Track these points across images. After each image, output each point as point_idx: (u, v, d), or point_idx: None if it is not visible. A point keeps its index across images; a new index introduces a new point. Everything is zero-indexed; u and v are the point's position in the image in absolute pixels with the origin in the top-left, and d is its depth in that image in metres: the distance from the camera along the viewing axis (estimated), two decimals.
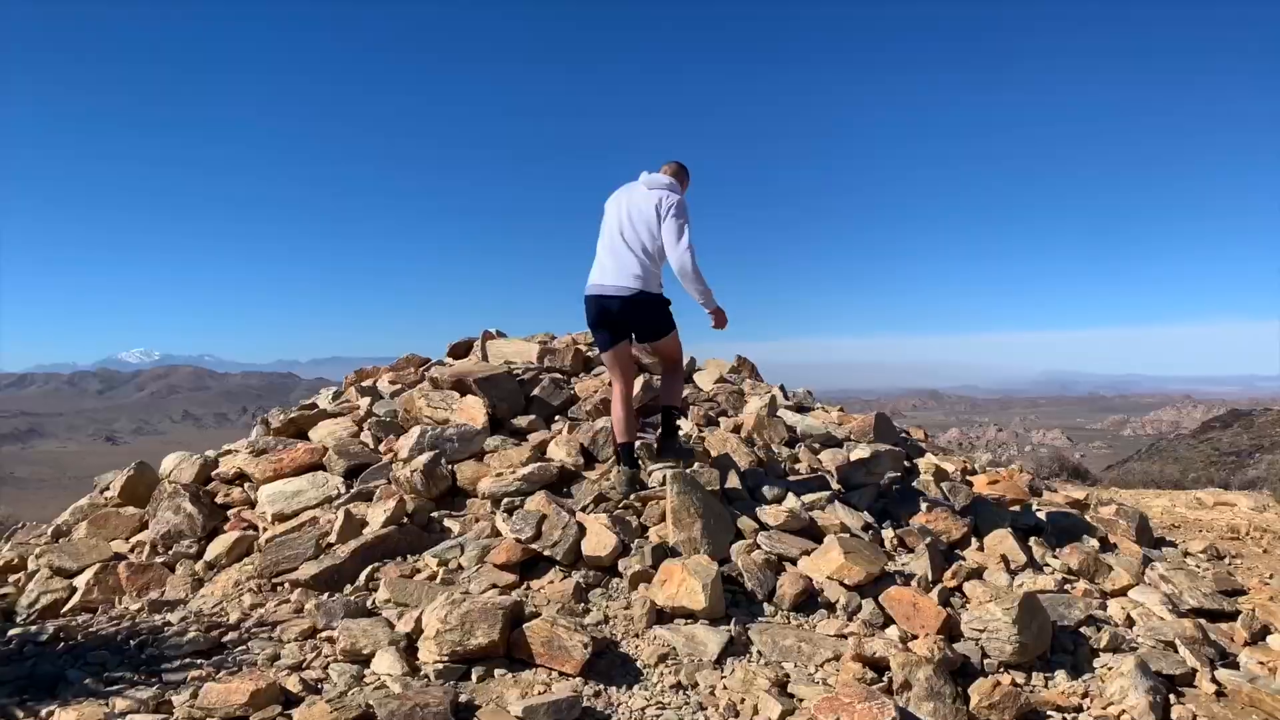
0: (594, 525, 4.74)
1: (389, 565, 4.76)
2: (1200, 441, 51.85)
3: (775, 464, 5.90)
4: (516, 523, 4.74)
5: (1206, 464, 45.06)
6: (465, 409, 6.01)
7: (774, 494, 5.42)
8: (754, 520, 5.04)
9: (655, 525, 4.93)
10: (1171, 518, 8.54)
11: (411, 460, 5.42)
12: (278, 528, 5.22)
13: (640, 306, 5.09)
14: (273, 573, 4.79)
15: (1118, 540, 6.21)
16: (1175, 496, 10.45)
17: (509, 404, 6.22)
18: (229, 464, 5.96)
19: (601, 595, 4.49)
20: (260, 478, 5.65)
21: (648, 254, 5.06)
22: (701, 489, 4.95)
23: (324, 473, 5.65)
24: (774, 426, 6.46)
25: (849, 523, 5.22)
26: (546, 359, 7.26)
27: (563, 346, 7.42)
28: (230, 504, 5.63)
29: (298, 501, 5.40)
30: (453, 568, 4.73)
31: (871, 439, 6.75)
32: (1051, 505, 6.66)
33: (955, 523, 5.42)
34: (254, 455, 5.94)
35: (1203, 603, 5.17)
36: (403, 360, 7.68)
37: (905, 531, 5.26)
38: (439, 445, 5.56)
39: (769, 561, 4.68)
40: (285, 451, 5.83)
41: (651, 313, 5.19)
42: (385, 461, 5.66)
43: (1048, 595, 4.73)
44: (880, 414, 6.98)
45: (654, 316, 5.22)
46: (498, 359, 7.47)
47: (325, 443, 6.00)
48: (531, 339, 7.98)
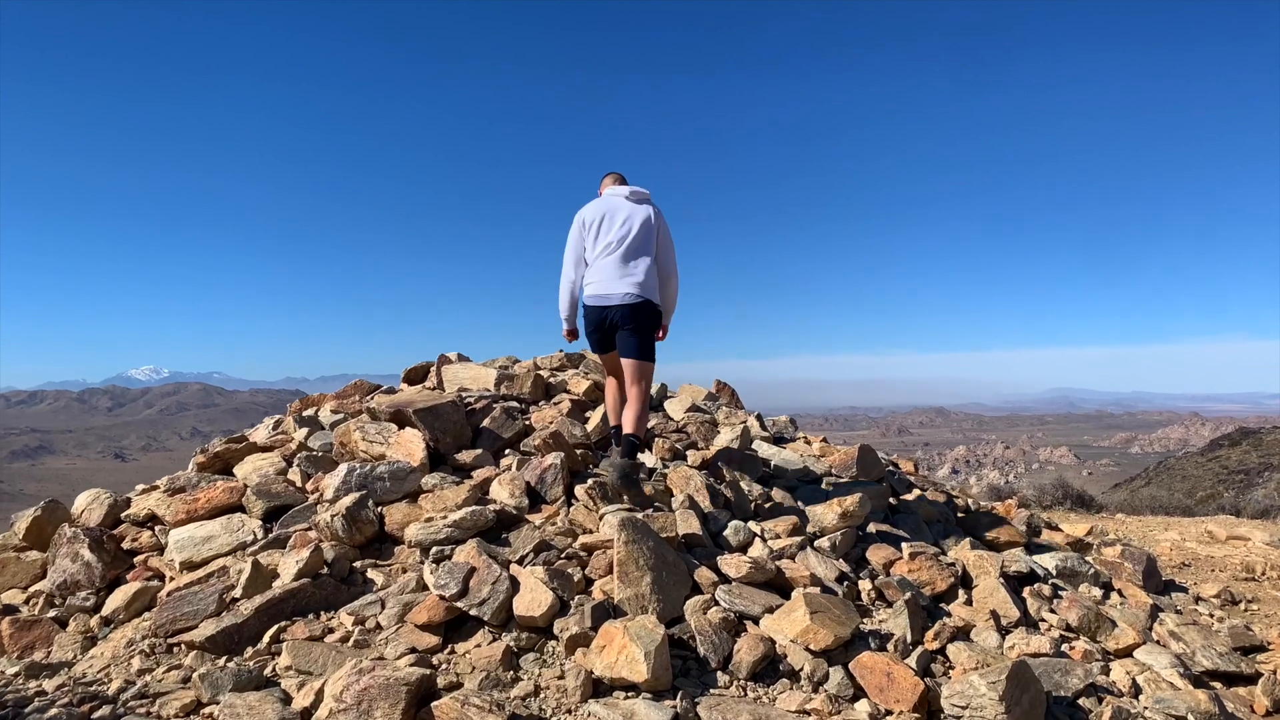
0: (529, 580, 4.18)
1: (297, 624, 4.20)
2: (1209, 460, 51.10)
3: (744, 503, 5.34)
4: (442, 576, 4.19)
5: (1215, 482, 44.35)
6: (402, 443, 5.46)
7: (739, 540, 4.88)
8: (713, 571, 4.47)
9: (601, 578, 4.37)
10: (1182, 554, 7.96)
11: (336, 502, 4.87)
12: (184, 578, 4.66)
13: (639, 313, 5.23)
14: (169, 631, 4.24)
15: (1123, 586, 5.65)
16: (1185, 528, 9.86)
17: (453, 437, 5.67)
18: (141, 504, 5.41)
19: (535, 661, 3.93)
20: (171, 520, 5.11)
21: (650, 264, 5.29)
22: (655, 536, 4.40)
23: (242, 515, 5.11)
24: (746, 461, 5.91)
25: (821, 573, 4.67)
26: (504, 385, 6.73)
27: (522, 372, 6.89)
28: (138, 550, 5.09)
29: (208, 548, 4.85)
30: (370, 627, 4.18)
31: (854, 473, 6.19)
32: (1050, 546, 6.10)
33: (940, 573, 4.86)
34: (169, 494, 5.41)
35: (1217, 664, 4.61)
36: (350, 386, 7.15)
37: (884, 583, 4.70)
38: (368, 485, 5.02)
39: (727, 621, 4.11)
40: (203, 490, 5.28)
41: (646, 320, 5.29)
42: (310, 503, 5.13)
43: (1042, 660, 4.17)
44: (864, 446, 6.42)
45: (647, 325, 5.31)
46: (453, 385, 6.94)
47: (249, 480, 5.46)
48: (491, 363, 7.45)
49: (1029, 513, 6.90)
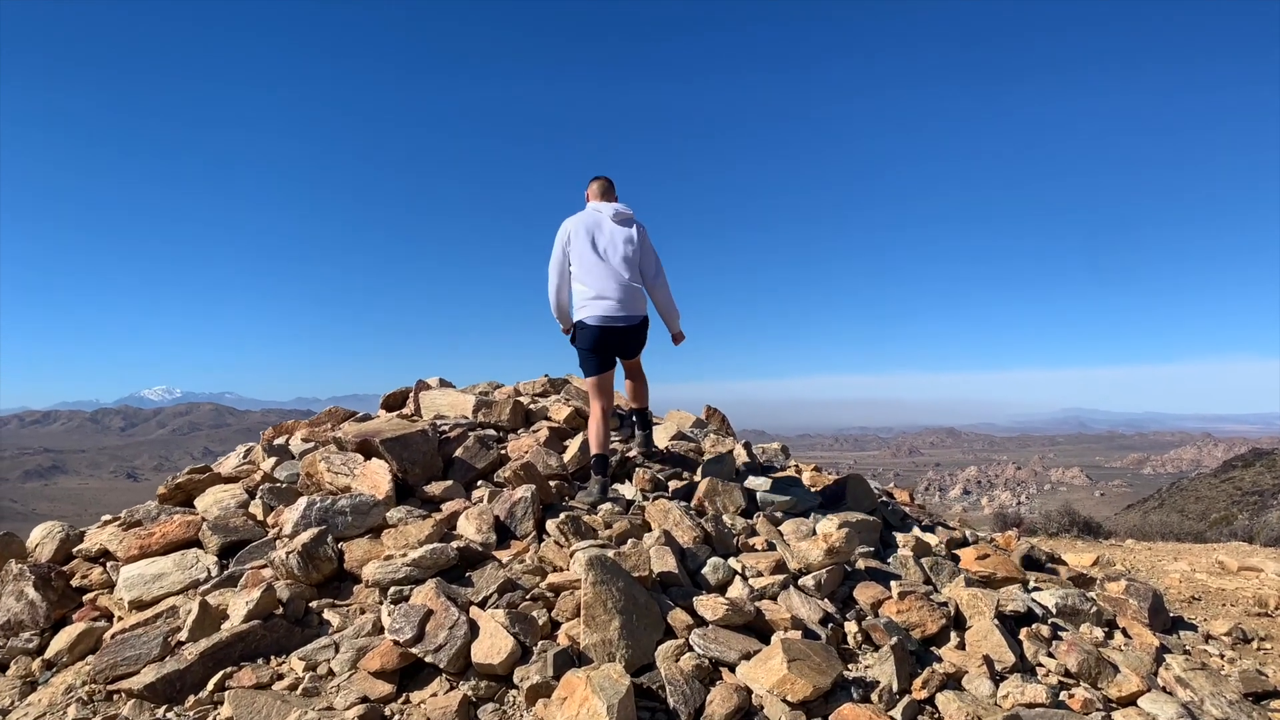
0: (489, 624, 3.93)
1: (245, 670, 3.94)
2: (1222, 481, 50.58)
3: (726, 539, 5.07)
4: (397, 620, 3.94)
5: (1229, 504, 43.88)
6: (368, 475, 5.22)
7: (718, 578, 4.61)
8: (689, 614, 4.20)
9: (568, 621, 4.11)
10: (1191, 587, 7.64)
11: (294, 538, 4.63)
12: (131, 618, 4.42)
13: (641, 330, 5.77)
14: (109, 677, 3.99)
15: (1127, 624, 5.36)
16: (1196, 558, 9.53)
17: (423, 468, 5.43)
18: (95, 539, 5.18)
19: (494, 712, 3.67)
20: (124, 556, 4.87)
21: (641, 282, 5.73)
22: (626, 576, 4.14)
23: (198, 551, 4.86)
24: (729, 492, 5.63)
25: (804, 614, 4.39)
26: (482, 413, 6.49)
27: (502, 399, 6.65)
28: (88, 587, 4.85)
29: (159, 586, 4.60)
30: (322, 673, 3.93)
31: (845, 505, 5.93)
32: (1050, 582, 5.81)
33: (931, 613, 4.57)
34: (125, 528, 5.17)
35: (1228, 713, 4.31)
36: (324, 413, 6.91)
37: (871, 625, 4.43)
38: (328, 519, 4.78)
39: (700, 669, 3.85)
40: (159, 524, 5.04)
41: (644, 333, 5.85)
42: (269, 538, 4.89)
43: (1038, 711, 3.88)
44: (854, 476, 6.15)
45: (644, 337, 5.87)
46: (431, 412, 6.71)
47: (208, 513, 5.23)
48: (471, 389, 7.22)
49: (1029, 544, 6.60)
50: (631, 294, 5.61)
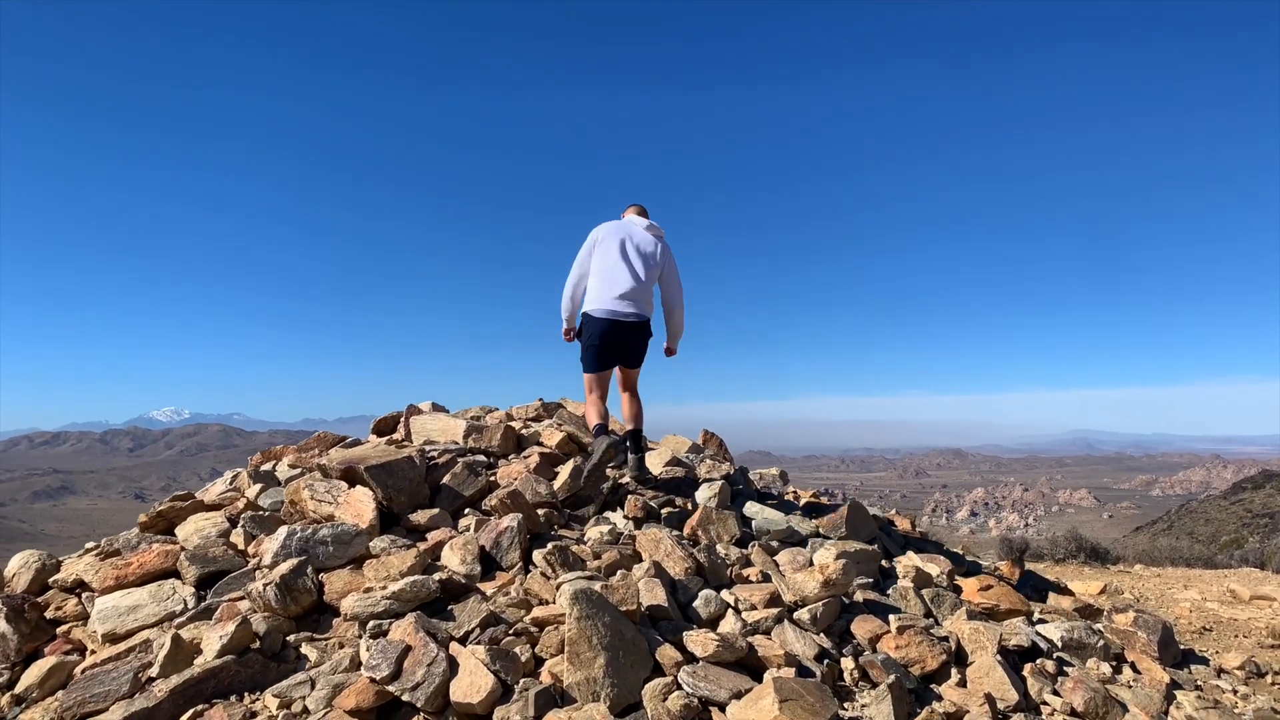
0: (469, 660, 3.78)
1: (216, 708, 3.79)
2: (1232, 503, 50.17)
3: (719, 569, 4.91)
4: (374, 655, 3.80)
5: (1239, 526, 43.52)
6: (352, 503, 5.08)
7: (710, 612, 4.45)
8: (678, 650, 4.04)
9: (552, 658, 3.96)
10: (1202, 617, 7.45)
11: (274, 569, 4.49)
12: (104, 652, 4.28)
13: (644, 333, 6.07)
14: (77, 715, 3.84)
15: (1136, 659, 5.18)
16: (1207, 585, 9.33)
17: (408, 495, 5.29)
18: (72, 569, 5.04)
19: None
20: (99, 587, 4.73)
21: (652, 289, 6.10)
22: (613, 611, 3.99)
23: (176, 581, 4.72)
24: (723, 521, 5.48)
25: (799, 650, 4.23)
26: (472, 438, 6.35)
27: (493, 424, 6.51)
28: (62, 619, 4.71)
29: (133, 619, 4.46)
30: (296, 711, 3.77)
31: (843, 534, 5.77)
32: (1056, 614, 5.63)
33: (931, 649, 4.41)
34: (102, 557, 5.04)
35: None
36: (313, 439, 6.77)
37: (868, 661, 4.26)
38: (308, 550, 4.63)
39: (689, 709, 3.69)
40: (138, 554, 4.91)
41: (646, 339, 6.13)
42: (249, 568, 4.75)
43: None
44: (854, 504, 5.99)
45: (646, 343, 6.16)
46: (421, 437, 6.58)
47: (189, 542, 5.10)
48: (463, 414, 7.09)
49: (1034, 573, 6.42)
50: (643, 295, 5.96)
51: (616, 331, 5.91)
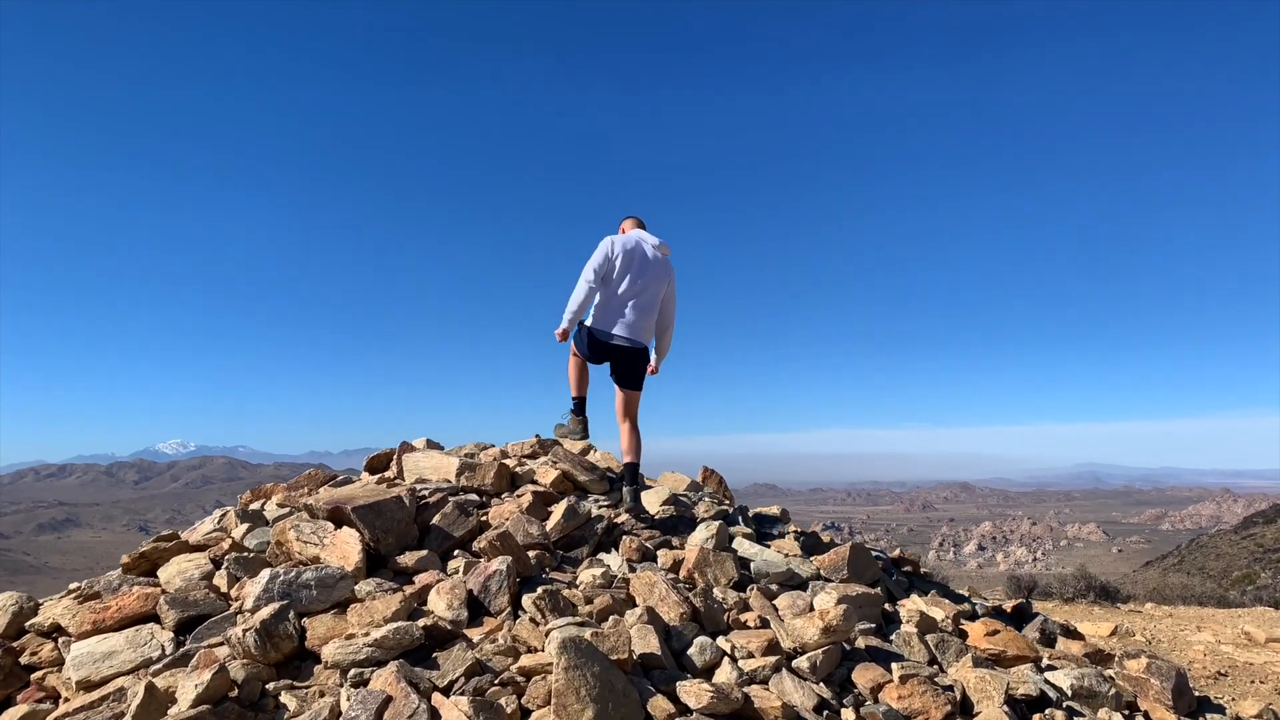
0: (451, 712, 3.62)
1: None
2: (1243, 538, 49.62)
3: (716, 614, 4.75)
4: (354, 707, 3.65)
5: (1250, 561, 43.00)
6: (337, 544, 4.94)
7: (705, 660, 4.29)
8: (670, 701, 3.88)
9: (539, 709, 3.79)
10: (1216, 661, 7.24)
11: (255, 613, 4.34)
12: (78, 700, 4.11)
13: (641, 357, 6.23)
14: None
15: (1149, 708, 5.00)
16: (1220, 626, 9.10)
17: (396, 536, 5.15)
18: (49, 612, 4.89)
19: None
20: (76, 632, 4.58)
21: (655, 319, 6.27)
22: (603, 660, 3.83)
23: (155, 626, 4.58)
24: (721, 563, 5.32)
25: (797, 701, 4.07)
26: (465, 476, 6.21)
27: (487, 461, 6.36)
28: (37, 665, 4.55)
29: (109, 665, 4.30)
30: None
31: (845, 576, 5.60)
32: (1065, 659, 5.45)
33: (935, 699, 4.24)
34: (81, 600, 4.90)
35: None
36: (303, 476, 6.65)
37: (870, 713, 4.10)
38: (291, 593, 4.48)
39: None
40: (117, 597, 4.77)
41: (645, 362, 6.30)
42: (230, 612, 4.60)
43: None
44: (856, 545, 5.83)
45: (644, 366, 6.31)
46: (413, 474, 6.44)
47: (170, 584, 4.95)
48: (456, 451, 6.96)
49: (1043, 616, 6.24)
50: (645, 326, 6.15)
51: (611, 353, 6.15)
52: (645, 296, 6.11)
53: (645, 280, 6.10)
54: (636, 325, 6.09)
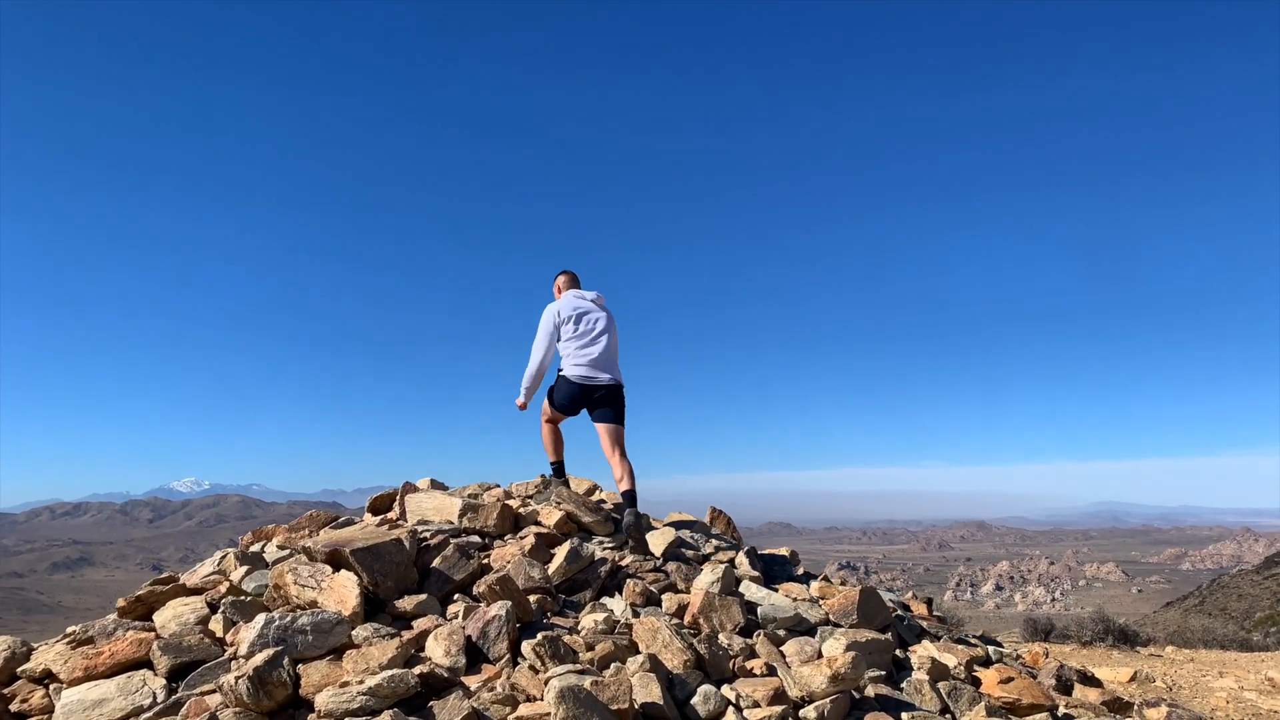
0: None
1: None
2: (1265, 577, 48.82)
3: (721, 661, 4.63)
4: None
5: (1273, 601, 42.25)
6: (335, 588, 4.85)
7: (709, 710, 4.17)
8: None
9: None
10: (1240, 709, 7.03)
11: (249, 659, 4.24)
12: None
13: (619, 392, 6.76)
14: None
15: None
16: (1243, 672, 8.86)
17: (395, 580, 5.06)
18: (41, 658, 4.80)
19: None
20: (67, 678, 4.49)
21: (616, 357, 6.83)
22: (602, 710, 3.73)
23: (148, 672, 4.48)
24: (727, 608, 5.19)
25: None
26: (467, 517, 6.11)
27: (490, 502, 6.27)
28: (28, 712, 4.46)
29: (99, 713, 4.20)
30: None
31: (854, 621, 5.46)
32: (1082, 708, 5.29)
33: None
34: (74, 645, 4.81)
35: None
36: (305, 518, 6.56)
37: None
38: (286, 639, 4.38)
39: None
40: (111, 642, 4.68)
41: (622, 396, 6.80)
42: (224, 658, 4.50)
43: None
44: (866, 590, 5.69)
45: (621, 400, 6.79)
46: (415, 516, 6.36)
47: (166, 629, 4.86)
48: (459, 492, 6.86)
49: (1058, 663, 6.07)
50: (610, 363, 6.73)
51: (586, 393, 6.66)
52: (605, 340, 6.70)
53: (597, 326, 6.69)
54: (611, 365, 6.73)
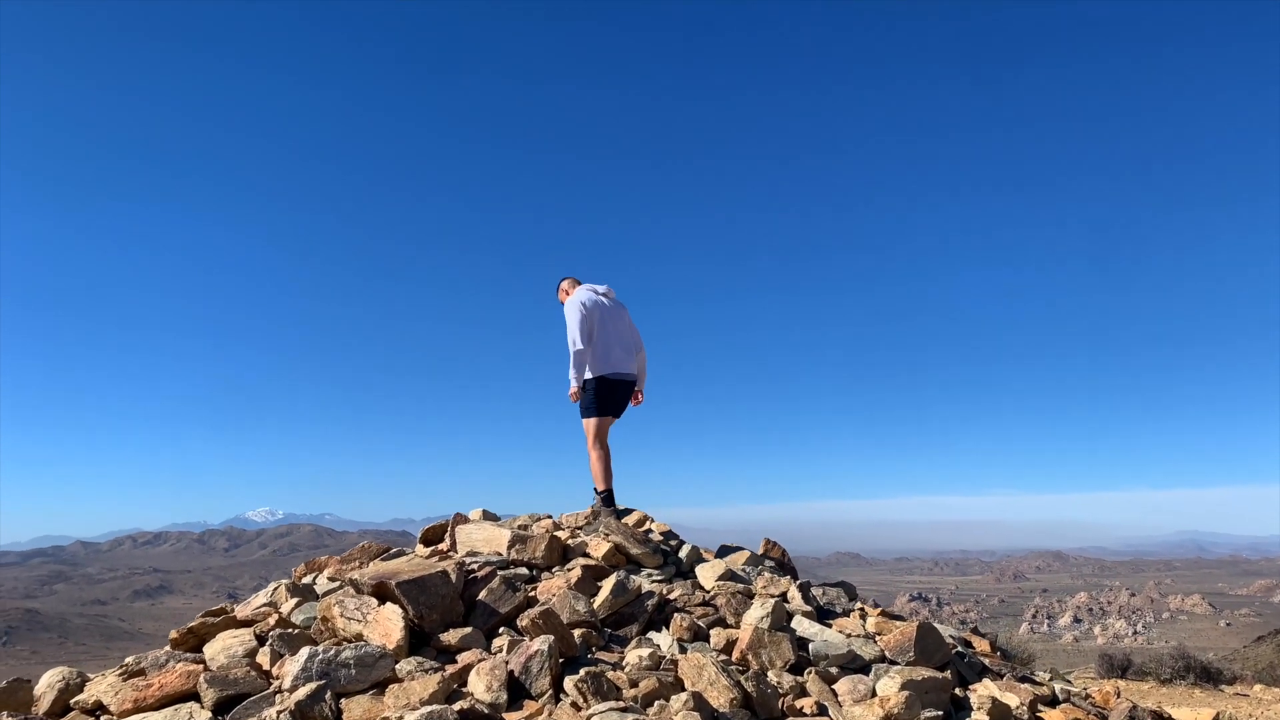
0: None
1: None
2: None
3: (769, 700, 4.49)
4: None
5: None
6: (380, 621, 4.83)
7: None
8: None
9: None
10: None
11: (293, 693, 4.24)
12: None
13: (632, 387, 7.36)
14: None
15: None
16: None
17: (441, 613, 5.02)
18: (94, 689, 4.86)
19: None
20: (117, 710, 4.53)
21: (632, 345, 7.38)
22: None
23: (194, 705, 4.50)
24: (776, 644, 5.04)
25: None
26: (515, 549, 6.07)
27: (539, 533, 6.23)
28: None
29: None
30: None
31: (911, 658, 5.26)
32: None
33: None
34: (126, 677, 4.86)
35: None
36: (357, 549, 6.59)
37: None
38: (329, 673, 4.37)
39: None
40: (160, 674, 4.71)
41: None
42: (269, 691, 4.50)
43: None
44: (924, 625, 5.49)
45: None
46: (465, 547, 6.34)
47: (215, 661, 4.89)
48: (509, 523, 6.83)
49: (1130, 703, 5.77)
50: (631, 357, 7.25)
51: (617, 389, 7.15)
52: (625, 337, 7.22)
53: (615, 322, 7.17)
54: (630, 360, 7.23)
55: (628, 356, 7.19)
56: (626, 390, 7.24)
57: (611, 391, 7.12)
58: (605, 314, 7.11)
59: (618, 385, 7.13)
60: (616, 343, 7.11)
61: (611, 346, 7.08)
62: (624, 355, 7.15)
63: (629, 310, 7.42)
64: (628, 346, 7.22)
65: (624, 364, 7.14)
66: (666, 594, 5.75)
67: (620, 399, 7.22)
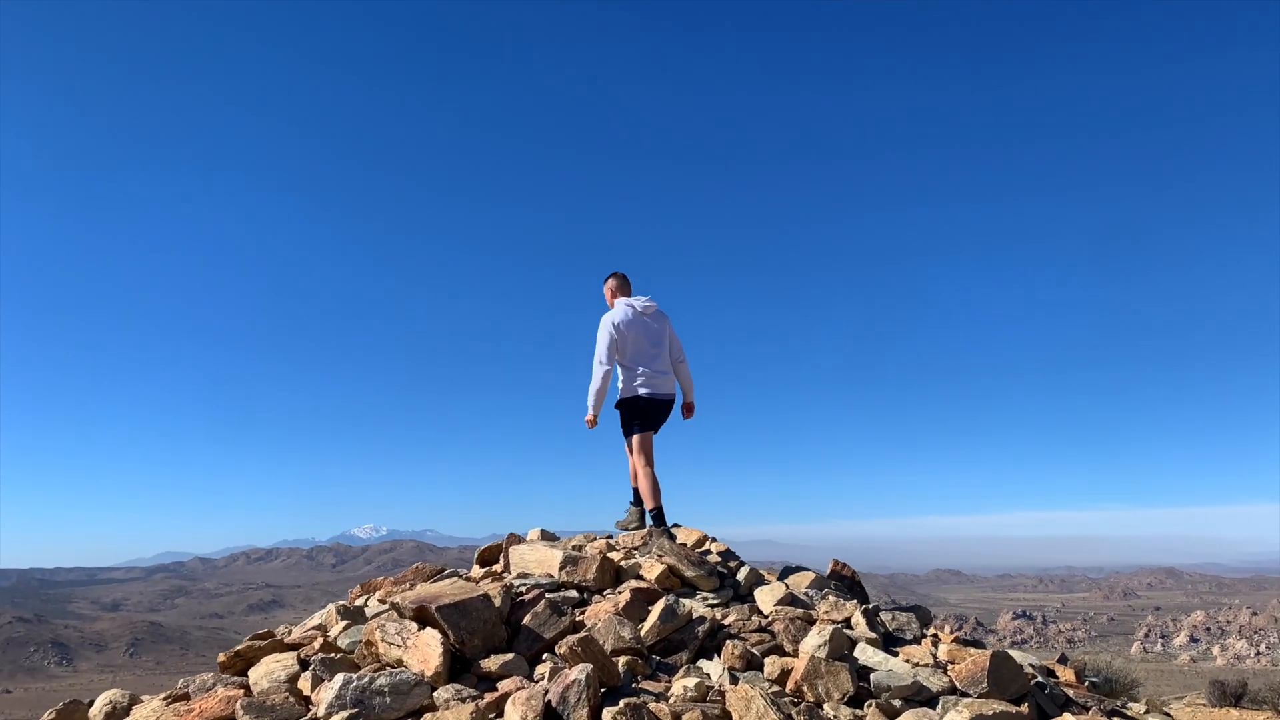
0: None
1: None
2: None
3: None
4: None
5: None
6: (419, 646, 4.69)
7: None
8: None
9: None
10: None
11: None
12: None
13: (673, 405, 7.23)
14: None
15: None
16: None
17: (483, 638, 4.86)
18: (139, 714, 4.85)
19: None
20: None
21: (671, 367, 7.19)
22: None
23: None
24: (834, 675, 4.70)
25: None
26: (566, 570, 5.88)
27: (592, 554, 6.03)
28: None
29: None
30: None
31: (984, 690, 4.86)
32: None
33: None
34: (170, 702, 4.83)
35: None
36: (410, 570, 6.50)
37: None
38: (364, 701, 4.25)
39: None
40: (202, 699, 4.67)
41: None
42: (306, 718, 4.40)
43: None
44: (998, 653, 5.09)
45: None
46: (518, 568, 6.19)
47: (257, 686, 4.83)
48: (564, 543, 6.66)
49: None
50: (669, 376, 7.09)
51: (657, 408, 7.01)
52: (661, 353, 7.03)
53: (651, 341, 6.97)
54: (666, 379, 7.03)
55: (662, 376, 7.01)
56: (661, 408, 7.07)
57: (644, 412, 6.97)
58: (640, 332, 6.95)
59: (650, 405, 6.97)
60: (649, 363, 6.96)
61: (643, 367, 6.94)
62: (656, 375, 6.97)
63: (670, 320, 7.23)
64: (663, 366, 7.05)
65: (657, 384, 6.96)
66: (720, 619, 5.48)
67: (655, 417, 7.06)
